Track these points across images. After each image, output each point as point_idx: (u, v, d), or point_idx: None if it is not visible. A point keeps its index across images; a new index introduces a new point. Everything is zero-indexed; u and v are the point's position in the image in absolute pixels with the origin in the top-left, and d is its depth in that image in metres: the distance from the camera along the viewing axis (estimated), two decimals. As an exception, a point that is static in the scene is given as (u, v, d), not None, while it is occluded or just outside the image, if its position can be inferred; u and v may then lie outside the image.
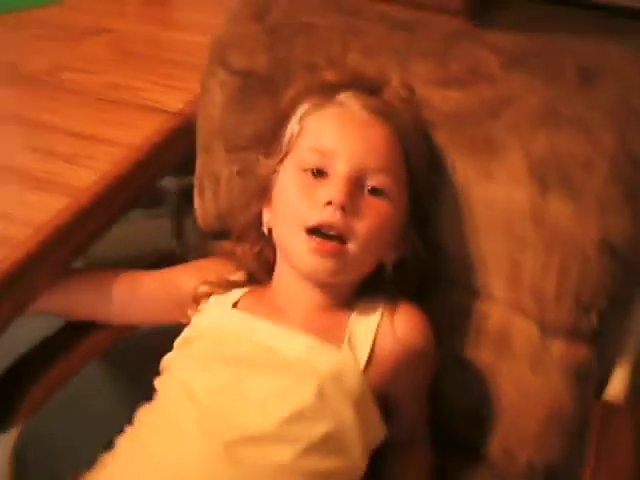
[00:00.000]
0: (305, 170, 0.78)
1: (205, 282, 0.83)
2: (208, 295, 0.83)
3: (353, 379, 0.76)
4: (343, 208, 0.76)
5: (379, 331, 0.79)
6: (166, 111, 0.96)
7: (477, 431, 0.89)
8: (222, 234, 0.93)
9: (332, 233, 0.76)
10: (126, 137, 0.91)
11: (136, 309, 0.87)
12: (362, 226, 0.77)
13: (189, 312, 0.83)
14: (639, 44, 0.85)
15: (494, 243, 0.86)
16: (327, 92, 0.82)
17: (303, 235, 0.77)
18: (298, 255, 0.78)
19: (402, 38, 0.89)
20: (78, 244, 0.82)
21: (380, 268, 0.82)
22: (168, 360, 0.81)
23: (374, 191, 0.78)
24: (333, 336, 0.78)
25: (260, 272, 0.84)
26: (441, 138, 0.86)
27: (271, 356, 0.77)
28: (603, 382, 0.86)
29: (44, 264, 0.79)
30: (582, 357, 0.83)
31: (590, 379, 0.84)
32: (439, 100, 0.86)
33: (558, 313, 0.82)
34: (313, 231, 0.76)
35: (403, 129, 0.81)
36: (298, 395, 0.74)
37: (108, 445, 0.77)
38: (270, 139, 0.84)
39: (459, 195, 0.87)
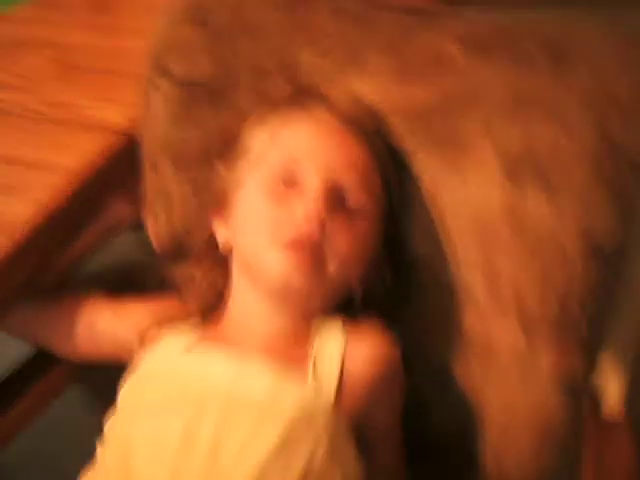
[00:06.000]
0: (276, 180, 0.72)
1: (158, 323, 0.77)
2: (158, 338, 0.76)
3: (324, 416, 0.68)
4: (323, 224, 0.69)
5: (346, 356, 0.71)
6: (109, 129, 0.89)
7: (466, 448, 0.82)
8: (178, 256, 0.86)
9: (309, 249, 0.69)
10: (66, 162, 0.84)
11: (87, 343, 0.80)
12: (343, 244, 0.71)
13: (136, 351, 0.76)
14: (609, 13, 0.78)
15: (469, 249, 0.79)
16: (294, 104, 0.76)
17: (278, 249, 0.70)
18: (270, 271, 0.71)
19: (357, 33, 0.81)
20: (12, 286, 0.75)
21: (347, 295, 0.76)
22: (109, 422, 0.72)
23: (353, 210, 0.72)
24: (297, 366, 0.70)
25: (212, 301, 0.77)
26: (404, 141, 0.78)
27: (229, 401, 0.68)
28: (597, 396, 0.79)
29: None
30: (574, 369, 0.76)
31: (583, 393, 0.78)
32: (400, 98, 0.79)
33: (543, 322, 0.75)
34: (290, 245, 0.69)
35: (377, 144, 0.76)
36: (259, 444, 0.65)
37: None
38: (229, 151, 0.77)
39: (428, 202, 0.79)
